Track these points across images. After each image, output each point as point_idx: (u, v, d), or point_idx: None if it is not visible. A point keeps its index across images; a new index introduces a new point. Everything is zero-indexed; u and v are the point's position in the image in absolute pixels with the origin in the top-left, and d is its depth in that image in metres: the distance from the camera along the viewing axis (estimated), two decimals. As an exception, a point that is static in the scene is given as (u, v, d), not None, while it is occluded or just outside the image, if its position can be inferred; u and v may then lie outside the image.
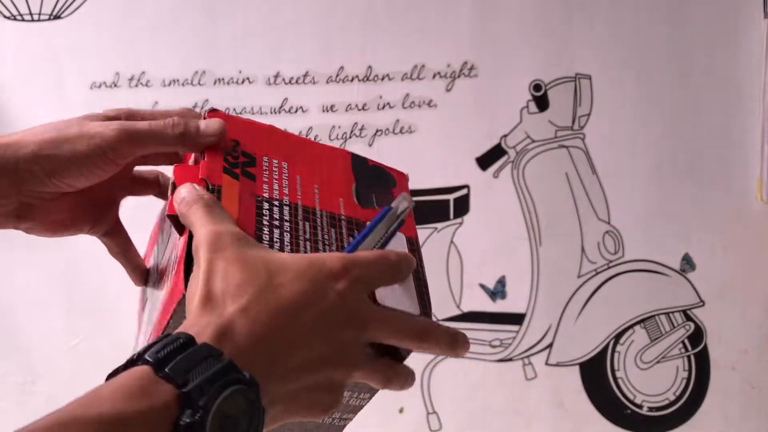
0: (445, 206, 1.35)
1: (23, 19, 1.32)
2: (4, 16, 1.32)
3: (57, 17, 1.32)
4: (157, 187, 0.61)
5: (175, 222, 0.48)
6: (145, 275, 0.61)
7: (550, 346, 1.36)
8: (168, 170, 0.55)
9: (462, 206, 1.35)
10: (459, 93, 1.34)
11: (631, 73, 1.35)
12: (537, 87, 1.34)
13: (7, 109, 1.31)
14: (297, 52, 1.33)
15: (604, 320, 1.37)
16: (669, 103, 1.35)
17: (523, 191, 1.35)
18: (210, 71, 1.33)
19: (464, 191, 1.35)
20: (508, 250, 1.35)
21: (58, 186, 0.51)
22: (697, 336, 1.37)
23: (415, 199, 0.55)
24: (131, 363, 0.38)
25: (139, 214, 0.67)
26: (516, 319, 1.36)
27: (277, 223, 0.49)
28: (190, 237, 0.46)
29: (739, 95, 1.35)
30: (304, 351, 0.41)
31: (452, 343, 0.48)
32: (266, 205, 0.49)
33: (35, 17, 1.32)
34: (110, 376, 0.37)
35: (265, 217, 0.49)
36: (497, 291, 1.36)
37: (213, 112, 0.54)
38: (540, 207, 1.35)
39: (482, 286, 1.36)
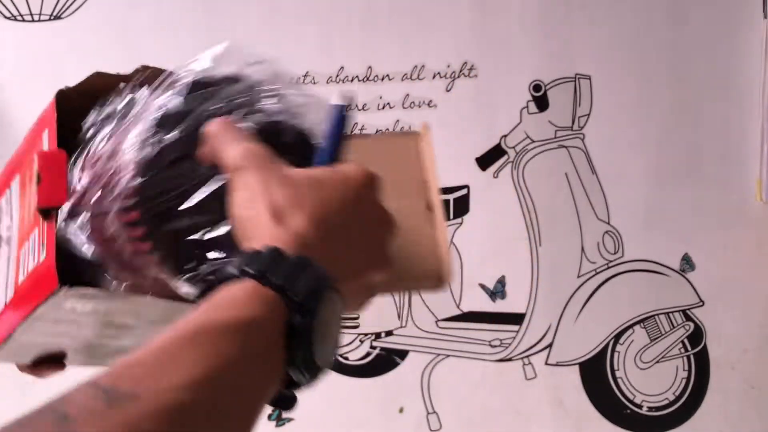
0: (444, 206, 1.35)
1: (23, 19, 1.32)
2: (4, 16, 1.32)
3: (57, 17, 1.32)
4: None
5: (43, 213, 0.48)
6: None
7: (549, 345, 1.36)
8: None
9: (462, 206, 1.35)
10: (459, 93, 1.34)
11: (631, 73, 1.35)
12: (537, 87, 1.34)
13: (7, 108, 1.31)
14: (297, 52, 1.32)
15: (604, 320, 1.37)
16: (669, 103, 1.35)
17: (523, 191, 1.35)
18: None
19: (464, 191, 1.35)
20: (508, 250, 1.35)
21: None
22: (696, 336, 1.37)
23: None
24: (225, 279, 0.40)
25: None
26: (516, 319, 1.36)
27: None
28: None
29: (739, 95, 1.35)
30: (359, 253, 0.45)
31: None
32: None
33: (35, 17, 1.32)
34: (203, 292, 0.40)
35: None
36: (497, 291, 1.36)
37: None
38: (540, 207, 1.35)
39: (482, 286, 1.36)
